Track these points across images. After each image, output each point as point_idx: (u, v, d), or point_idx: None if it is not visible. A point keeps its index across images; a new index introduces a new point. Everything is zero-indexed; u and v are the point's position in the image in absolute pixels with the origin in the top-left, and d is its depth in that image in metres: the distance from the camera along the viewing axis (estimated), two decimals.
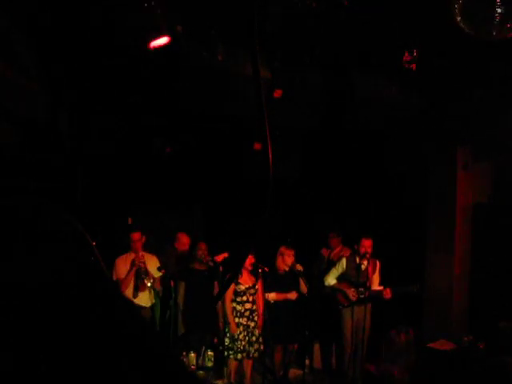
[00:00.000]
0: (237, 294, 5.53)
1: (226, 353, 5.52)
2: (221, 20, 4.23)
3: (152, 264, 5.56)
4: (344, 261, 6.04)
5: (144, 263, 5.46)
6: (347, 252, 6.37)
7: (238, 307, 5.52)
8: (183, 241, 6.27)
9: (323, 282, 6.13)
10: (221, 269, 5.78)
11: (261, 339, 5.59)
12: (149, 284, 5.47)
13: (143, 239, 5.64)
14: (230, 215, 7.42)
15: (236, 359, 5.51)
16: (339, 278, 6.06)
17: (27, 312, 0.65)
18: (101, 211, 5.30)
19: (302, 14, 4.10)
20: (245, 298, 5.54)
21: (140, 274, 5.44)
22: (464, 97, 5.60)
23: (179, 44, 4.22)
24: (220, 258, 5.84)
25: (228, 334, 5.50)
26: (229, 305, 5.49)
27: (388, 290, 5.76)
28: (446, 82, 5.38)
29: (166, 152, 6.51)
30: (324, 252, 6.94)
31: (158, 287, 5.73)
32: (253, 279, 5.61)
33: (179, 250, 6.25)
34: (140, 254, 5.51)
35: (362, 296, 5.83)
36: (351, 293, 5.89)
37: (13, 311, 0.64)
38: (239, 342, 5.45)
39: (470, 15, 3.01)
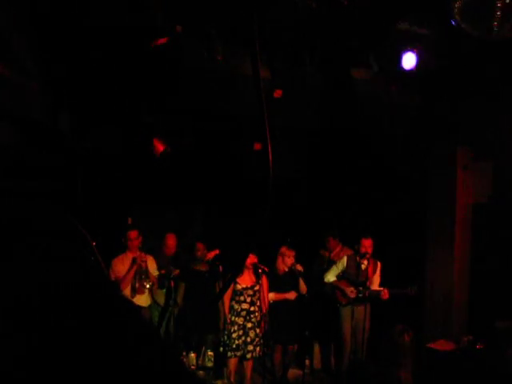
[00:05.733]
0: (235, 293, 5.56)
1: (221, 349, 5.56)
2: (221, 20, 4.23)
3: (149, 265, 5.53)
4: (345, 259, 6.06)
5: (145, 262, 5.43)
6: (348, 251, 6.38)
7: (236, 306, 5.55)
8: (169, 243, 6.10)
9: (323, 281, 6.13)
10: (221, 269, 5.77)
11: (257, 341, 5.58)
12: (148, 286, 5.44)
13: (140, 239, 5.60)
14: (229, 215, 7.42)
15: (230, 357, 5.53)
16: (339, 277, 6.06)
17: (26, 312, 0.65)
18: (101, 211, 5.29)
19: (302, 14, 4.10)
20: (242, 298, 5.55)
21: (140, 273, 5.40)
22: (464, 97, 5.60)
23: (179, 44, 4.22)
24: (211, 254, 5.82)
25: (226, 332, 5.54)
26: (227, 303, 5.53)
27: (386, 291, 5.78)
28: (446, 81, 5.37)
29: (166, 152, 6.51)
30: (323, 252, 6.94)
31: (156, 285, 5.68)
32: (253, 279, 5.61)
33: (166, 253, 6.10)
34: (142, 253, 5.48)
35: (361, 295, 5.84)
36: (349, 291, 5.89)
37: (12, 312, 0.64)
38: (233, 341, 5.48)
39: (470, 15, 3.01)
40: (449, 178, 6.47)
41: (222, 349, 5.62)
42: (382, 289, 5.86)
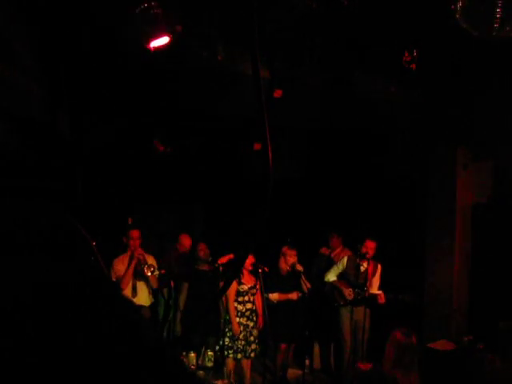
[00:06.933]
0: (239, 293, 5.53)
1: (225, 352, 5.51)
2: (221, 20, 4.23)
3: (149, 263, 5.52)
4: (345, 260, 6.06)
5: (143, 255, 5.40)
6: (348, 253, 6.38)
7: (240, 307, 5.52)
8: (185, 242, 6.23)
9: (323, 280, 6.14)
10: (221, 269, 5.77)
11: (258, 339, 5.60)
12: (149, 273, 5.35)
13: (141, 239, 5.59)
14: (230, 215, 7.42)
15: (235, 359, 5.51)
16: (339, 277, 6.07)
17: (26, 312, 0.65)
18: (101, 211, 5.28)
19: (302, 14, 4.10)
20: (246, 298, 5.55)
21: (140, 264, 5.35)
22: (464, 97, 5.60)
23: (179, 44, 4.22)
24: (225, 259, 5.80)
25: (228, 334, 5.50)
26: (232, 305, 5.48)
27: (382, 295, 5.79)
28: (446, 81, 5.37)
29: (167, 152, 6.51)
30: (324, 251, 6.94)
31: (155, 285, 5.67)
32: (253, 279, 5.62)
33: (180, 251, 6.22)
34: (139, 248, 5.46)
35: (359, 297, 5.85)
36: (347, 292, 5.90)
37: (11, 312, 0.64)
38: (239, 342, 5.46)
39: (470, 15, 3.01)
40: (449, 177, 6.47)
41: (220, 349, 5.60)
42: (379, 292, 5.87)
